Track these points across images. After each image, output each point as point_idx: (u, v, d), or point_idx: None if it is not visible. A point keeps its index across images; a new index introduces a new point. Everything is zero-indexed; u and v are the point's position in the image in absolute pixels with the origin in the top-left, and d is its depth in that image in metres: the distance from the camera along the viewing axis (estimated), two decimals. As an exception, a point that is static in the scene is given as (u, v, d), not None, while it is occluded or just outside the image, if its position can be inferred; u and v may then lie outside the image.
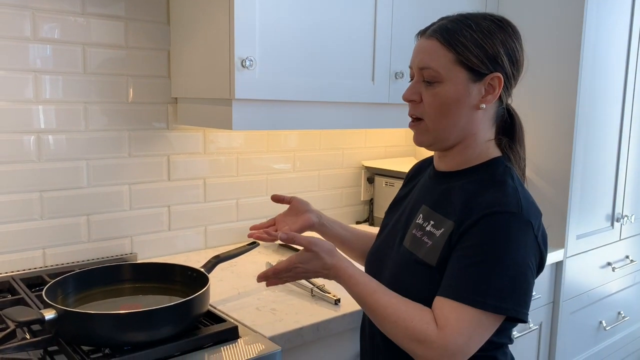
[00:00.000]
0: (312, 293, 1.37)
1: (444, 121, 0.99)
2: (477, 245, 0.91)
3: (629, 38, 2.01)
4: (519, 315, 0.90)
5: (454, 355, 0.89)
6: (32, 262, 1.46)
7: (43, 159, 1.44)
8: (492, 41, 0.96)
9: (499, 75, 0.96)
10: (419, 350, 0.90)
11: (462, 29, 0.96)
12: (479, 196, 0.95)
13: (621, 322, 2.29)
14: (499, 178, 0.97)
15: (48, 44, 1.42)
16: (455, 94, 0.97)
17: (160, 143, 1.64)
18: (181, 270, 1.26)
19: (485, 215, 0.91)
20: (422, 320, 0.91)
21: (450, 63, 0.96)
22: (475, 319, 0.89)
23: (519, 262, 0.90)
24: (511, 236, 0.90)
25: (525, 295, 0.91)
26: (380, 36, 1.63)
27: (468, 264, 0.91)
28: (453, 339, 0.88)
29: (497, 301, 0.88)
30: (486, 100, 0.98)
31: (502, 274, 0.89)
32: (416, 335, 0.90)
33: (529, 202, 0.95)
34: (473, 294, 0.89)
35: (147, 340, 1.01)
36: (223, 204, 1.80)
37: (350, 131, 2.10)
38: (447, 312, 0.90)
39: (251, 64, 1.35)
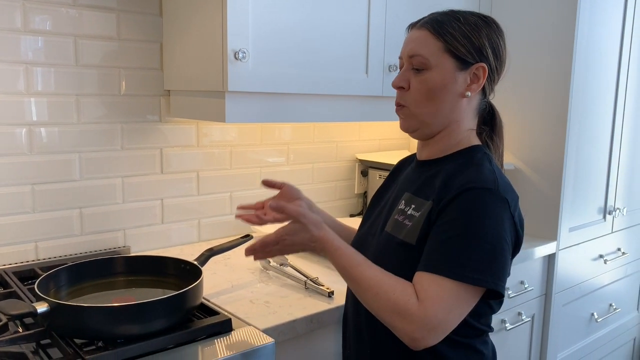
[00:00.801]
0: (306, 285, 1.37)
1: (430, 106, 1.03)
2: (455, 219, 0.93)
3: (621, 32, 2.01)
4: (496, 287, 0.91)
5: (433, 328, 0.90)
6: (24, 255, 1.45)
7: (35, 152, 1.43)
8: (478, 34, 1.01)
9: (483, 65, 1.01)
10: (399, 323, 0.91)
11: (451, 21, 1.02)
12: (457, 176, 0.98)
13: (612, 314, 2.31)
14: (477, 161, 1.01)
15: (39, 36, 1.40)
16: (442, 80, 1.01)
17: (153, 136, 1.63)
18: (174, 263, 1.26)
19: (462, 191, 0.94)
20: (404, 292, 0.92)
21: (438, 51, 1.01)
22: (454, 291, 0.90)
23: (495, 236, 0.92)
24: (487, 211, 0.93)
25: (502, 269, 0.93)
26: (373, 28, 1.63)
27: (446, 238, 0.93)
28: (433, 311, 0.89)
29: (475, 273, 0.90)
30: (471, 88, 1.03)
31: (479, 247, 0.91)
32: (397, 307, 0.91)
33: (505, 182, 0.99)
34: (451, 266, 0.90)
35: (140, 333, 1.01)
36: (216, 197, 1.79)
37: (344, 124, 2.10)
38: (426, 285, 0.91)
39: (244, 56, 1.34)
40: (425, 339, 0.90)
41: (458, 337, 0.98)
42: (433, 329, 0.90)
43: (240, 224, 1.85)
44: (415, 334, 0.90)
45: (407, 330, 0.90)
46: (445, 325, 0.91)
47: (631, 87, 2.12)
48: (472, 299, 0.93)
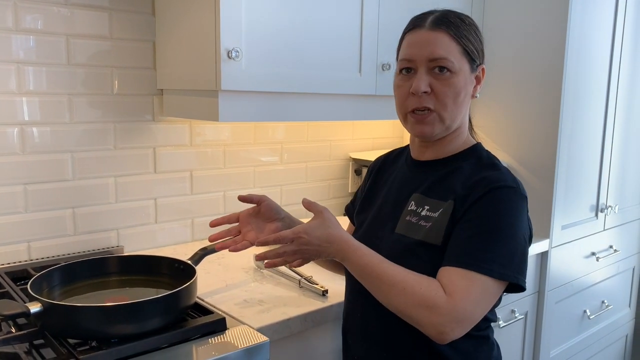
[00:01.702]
0: (300, 284, 1.38)
1: (456, 109, 1.04)
2: (482, 217, 0.97)
3: (612, 31, 2.02)
4: (519, 282, 0.96)
5: (461, 321, 0.92)
6: (16, 255, 1.44)
7: (27, 151, 1.43)
8: (479, 36, 1.06)
9: (484, 67, 1.08)
10: (426, 317, 0.92)
11: (460, 23, 1.03)
12: (478, 175, 1.02)
13: (605, 311, 2.33)
14: (490, 160, 1.07)
15: (31, 35, 1.40)
16: (465, 84, 1.04)
17: (146, 135, 1.62)
18: (168, 263, 1.26)
19: (490, 190, 0.98)
20: (430, 287, 0.93)
21: (459, 54, 1.02)
22: (483, 285, 0.93)
23: (518, 233, 0.97)
24: (512, 209, 0.98)
25: (524, 264, 0.98)
26: (367, 27, 1.63)
27: (473, 234, 0.96)
28: (462, 304, 0.91)
29: (501, 268, 0.94)
30: (476, 89, 1.07)
31: (505, 243, 0.95)
32: (425, 301, 0.92)
33: (517, 180, 1.03)
34: (480, 261, 0.93)
35: (134, 333, 1.00)
36: (210, 197, 1.79)
37: (337, 123, 2.10)
38: (455, 280, 0.93)
39: (237, 55, 1.34)
40: (454, 330, 0.92)
41: (474, 330, 1.00)
42: (461, 321, 0.92)
43: (234, 223, 1.85)
44: (444, 327, 0.91)
45: (435, 323, 0.91)
46: (472, 318, 0.94)
47: (622, 85, 2.14)
48: (497, 293, 0.97)
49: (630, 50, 2.14)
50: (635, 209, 2.43)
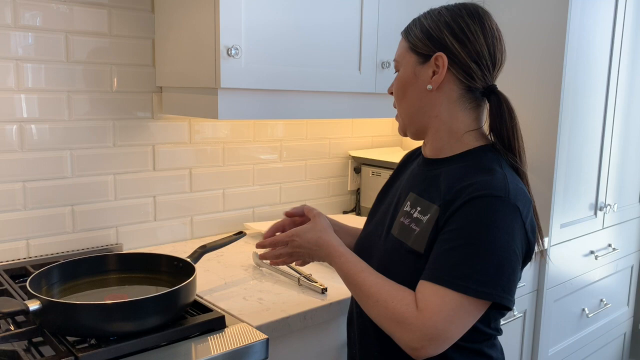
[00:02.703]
0: (299, 282, 1.38)
1: (402, 104, 1.06)
2: (461, 228, 0.90)
3: (612, 30, 2.02)
4: (502, 301, 0.88)
5: (433, 339, 0.88)
6: (15, 253, 1.44)
7: (26, 149, 1.42)
8: (437, 25, 1.00)
9: (440, 54, 0.98)
10: (397, 333, 0.90)
11: (419, 20, 1.04)
12: (466, 180, 0.94)
13: (603, 309, 2.33)
14: (487, 165, 0.97)
15: (30, 32, 1.39)
16: (406, 78, 1.04)
17: (145, 133, 1.62)
18: (167, 261, 1.26)
19: (471, 199, 0.91)
20: (402, 301, 0.91)
21: (405, 51, 1.05)
22: (456, 303, 0.87)
23: (504, 247, 0.88)
24: (496, 220, 0.89)
25: (510, 281, 0.89)
26: (366, 25, 1.63)
27: (451, 247, 0.90)
28: (432, 321, 0.87)
29: (479, 285, 0.87)
30: (432, 81, 1.00)
31: (485, 258, 0.88)
32: (395, 315, 0.90)
33: (518, 187, 0.93)
34: (455, 277, 0.88)
35: (133, 331, 1.00)
36: (209, 194, 1.79)
37: (337, 121, 2.10)
38: (427, 295, 0.89)
39: (237, 52, 1.33)
40: (426, 348, 0.89)
41: (466, 342, 0.96)
42: (433, 339, 0.88)
43: (233, 221, 1.85)
44: (414, 344, 0.89)
45: (406, 339, 0.90)
46: (446, 336, 0.88)
47: (622, 84, 2.14)
48: (476, 311, 0.90)
49: (630, 50, 2.14)
50: (634, 207, 2.44)
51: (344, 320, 1.33)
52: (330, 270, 1.49)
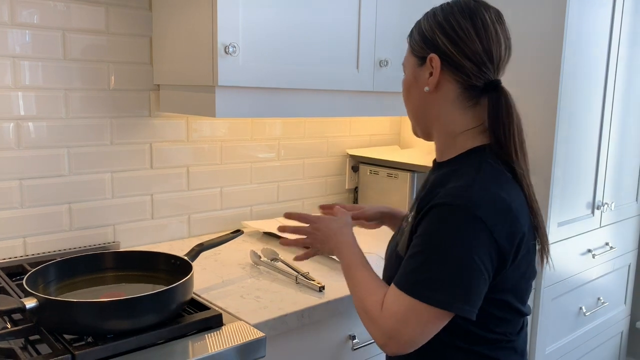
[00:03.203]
0: (297, 280, 1.37)
1: (407, 106, 1.09)
2: (421, 235, 0.93)
3: (610, 28, 2.02)
4: (452, 309, 0.89)
5: (392, 338, 0.93)
6: (12, 251, 1.44)
7: (23, 147, 1.42)
8: (430, 25, 1.00)
9: (433, 55, 0.99)
10: (367, 327, 0.98)
11: (418, 22, 1.05)
12: (439, 187, 0.95)
13: (600, 308, 2.34)
14: (464, 170, 0.96)
15: (27, 30, 1.39)
16: (408, 80, 1.07)
17: (143, 131, 1.62)
18: (164, 259, 1.26)
19: (433, 206, 0.92)
20: (373, 299, 0.97)
21: (407, 54, 1.07)
22: (411, 307, 0.91)
23: (459, 256, 0.88)
24: (453, 230, 0.89)
25: (465, 290, 0.89)
26: (364, 23, 1.63)
27: (412, 254, 0.93)
28: (389, 322, 0.93)
29: (431, 292, 0.89)
30: (428, 82, 1.00)
31: (440, 267, 0.89)
32: (367, 310, 0.98)
33: (487, 195, 0.91)
34: (411, 283, 0.91)
35: (130, 329, 1.00)
36: (207, 192, 1.79)
37: (334, 119, 2.10)
38: (388, 297, 0.95)
39: (234, 50, 1.33)
40: (388, 346, 0.94)
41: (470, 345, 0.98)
42: (392, 338, 0.93)
43: (231, 219, 1.85)
44: (378, 339, 0.96)
45: (372, 333, 0.97)
46: (403, 337, 0.92)
47: (619, 83, 2.14)
48: (434, 317, 0.91)
49: (628, 49, 2.14)
50: (631, 206, 2.44)
51: (341, 319, 1.33)
52: (328, 268, 1.49)
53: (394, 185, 2.01)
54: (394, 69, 1.73)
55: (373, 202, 2.09)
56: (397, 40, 1.73)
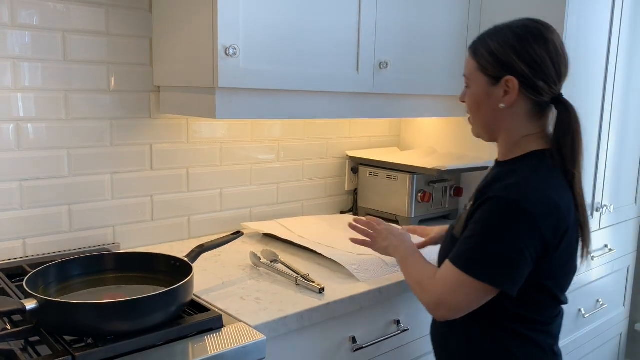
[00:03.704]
0: (297, 282, 1.37)
1: (476, 117, 1.20)
2: (476, 222, 1.08)
3: (609, 30, 2.03)
4: (495, 284, 1.05)
5: (439, 304, 1.12)
6: (12, 252, 1.44)
7: (22, 148, 1.42)
8: (504, 50, 1.11)
9: (511, 78, 1.10)
10: (419, 294, 1.17)
11: (485, 40, 1.15)
12: (497, 182, 1.10)
13: (599, 310, 2.34)
14: (522, 169, 1.11)
15: (27, 31, 1.39)
16: (477, 97, 1.17)
17: (143, 132, 1.62)
18: (164, 260, 1.26)
19: (488, 198, 1.07)
20: (427, 273, 1.18)
21: (474, 70, 1.16)
22: (458, 278, 1.08)
23: (508, 242, 1.04)
24: (505, 220, 1.05)
25: (509, 270, 1.04)
26: (364, 25, 1.63)
27: (467, 236, 1.09)
28: (439, 289, 1.11)
29: (479, 269, 1.06)
30: (504, 100, 1.12)
31: (488, 249, 1.05)
32: (419, 281, 1.18)
33: (538, 193, 1.06)
34: (461, 260, 1.08)
35: (130, 330, 1.00)
36: (207, 194, 1.79)
37: (334, 121, 2.10)
38: (442, 270, 1.13)
39: (235, 52, 1.33)
40: (437, 310, 1.13)
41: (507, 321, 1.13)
42: (440, 304, 1.12)
43: (231, 220, 1.85)
44: (427, 305, 1.15)
45: (423, 300, 1.16)
46: (452, 304, 1.10)
47: (618, 84, 2.14)
48: (481, 290, 1.07)
49: (627, 50, 2.14)
50: (630, 208, 2.44)
51: (341, 320, 1.34)
52: (328, 270, 1.49)
53: (394, 187, 2.01)
54: (394, 70, 1.73)
55: (371, 203, 2.09)
56: (397, 42, 1.73)
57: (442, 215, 2.12)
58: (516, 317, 1.13)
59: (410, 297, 1.50)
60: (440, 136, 2.21)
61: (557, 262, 1.09)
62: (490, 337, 1.15)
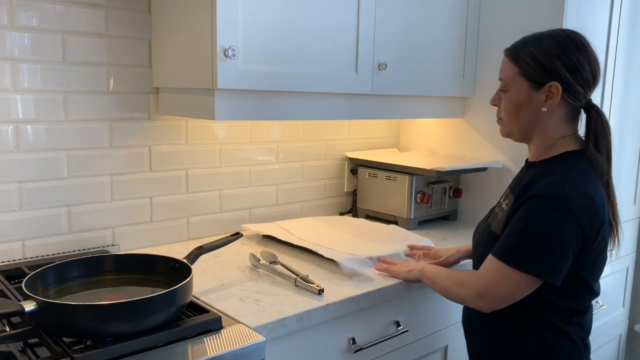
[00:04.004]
0: (296, 283, 1.37)
1: (514, 120, 1.25)
2: (518, 219, 1.16)
3: (607, 32, 2.03)
4: (540, 276, 1.13)
5: (482, 296, 1.19)
6: (11, 254, 1.44)
7: (22, 149, 1.42)
8: (548, 56, 1.17)
9: (555, 83, 1.17)
10: (458, 291, 1.25)
11: (526, 47, 1.21)
12: (538, 181, 1.17)
13: (599, 311, 2.33)
14: (559, 169, 1.18)
15: (26, 32, 1.39)
16: (518, 100, 1.22)
17: (142, 133, 1.62)
18: (164, 261, 1.26)
19: (530, 197, 1.15)
20: (463, 274, 1.28)
21: (515, 75, 1.22)
22: (505, 272, 1.15)
23: (551, 237, 1.12)
24: (548, 216, 1.12)
25: (553, 263, 1.12)
26: (363, 26, 1.63)
27: (510, 232, 1.17)
28: (481, 281, 1.19)
29: (524, 262, 1.13)
30: (546, 104, 1.20)
31: (533, 243, 1.13)
32: (457, 280, 1.27)
33: (576, 190, 1.13)
34: (505, 253, 1.16)
35: (129, 332, 1.00)
36: (206, 195, 1.79)
37: (333, 122, 2.10)
38: (485, 264, 1.20)
39: (234, 53, 1.33)
40: (480, 302, 1.19)
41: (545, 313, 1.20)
42: (483, 296, 1.18)
43: (230, 222, 1.85)
44: (469, 299, 1.22)
45: (463, 295, 1.24)
46: (495, 295, 1.17)
47: (617, 86, 2.14)
48: (525, 282, 1.14)
49: (625, 52, 2.15)
50: (629, 209, 2.44)
51: (341, 321, 1.33)
52: (328, 271, 1.49)
53: (393, 188, 2.01)
54: (393, 71, 1.73)
55: (371, 205, 2.09)
56: (396, 43, 1.74)
57: (442, 216, 2.12)
58: (553, 307, 1.19)
59: (410, 297, 1.50)
60: (439, 137, 2.21)
61: (592, 254, 1.17)
62: (527, 327, 1.22)
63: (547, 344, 1.21)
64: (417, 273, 1.40)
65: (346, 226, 1.87)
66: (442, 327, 1.64)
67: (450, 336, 1.67)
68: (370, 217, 2.10)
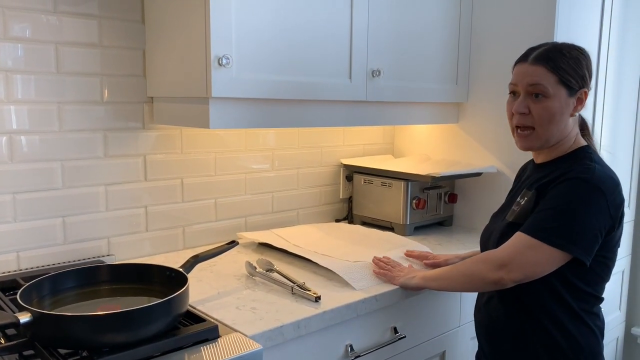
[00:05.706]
0: (293, 291, 1.37)
1: (552, 128, 1.28)
2: (550, 199, 1.21)
3: (599, 34, 2.05)
4: (571, 251, 1.16)
5: (501, 266, 1.20)
6: (5, 265, 1.43)
7: (16, 160, 1.41)
8: (580, 65, 1.27)
9: (586, 90, 1.28)
10: (483, 268, 1.24)
11: (560, 57, 1.26)
12: (562, 170, 1.25)
13: (596, 314, 2.34)
14: (581, 159, 1.27)
15: (19, 43, 1.39)
16: (560, 107, 1.26)
17: (137, 143, 1.62)
18: (159, 271, 1.25)
19: (563, 180, 1.21)
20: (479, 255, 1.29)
21: (555, 83, 1.25)
22: (531, 244, 1.18)
23: (583, 215, 1.17)
24: (581, 196, 1.18)
25: (585, 240, 1.17)
26: (356, 34, 1.64)
27: (539, 210, 1.22)
28: (503, 253, 1.22)
29: (553, 236, 1.17)
30: (577, 109, 1.29)
31: (560, 219, 1.17)
32: (474, 259, 1.28)
33: (605, 174, 1.22)
34: (533, 228, 1.20)
35: (126, 342, 1.00)
36: (201, 204, 1.78)
37: (328, 129, 2.10)
38: (511, 239, 1.23)
39: (228, 62, 1.34)
40: (499, 273, 1.20)
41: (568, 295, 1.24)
42: (503, 266, 1.20)
43: (226, 230, 1.85)
44: (487, 273, 1.22)
45: (483, 269, 1.23)
46: (516, 265, 1.19)
47: (609, 87, 2.16)
48: (551, 256, 1.17)
49: (616, 52, 2.16)
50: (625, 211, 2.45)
51: (338, 328, 1.33)
52: (324, 278, 1.49)
53: (388, 194, 2.01)
54: (387, 78, 1.74)
55: (366, 211, 2.09)
56: (389, 50, 1.74)
57: (437, 221, 2.12)
58: (576, 291, 1.24)
59: (407, 303, 1.50)
60: (433, 143, 2.22)
61: (614, 237, 1.24)
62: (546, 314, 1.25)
63: (567, 331, 1.25)
64: (419, 280, 1.39)
65: (342, 233, 1.87)
66: (440, 332, 1.63)
67: (448, 342, 1.67)
68: (366, 224, 2.10)
